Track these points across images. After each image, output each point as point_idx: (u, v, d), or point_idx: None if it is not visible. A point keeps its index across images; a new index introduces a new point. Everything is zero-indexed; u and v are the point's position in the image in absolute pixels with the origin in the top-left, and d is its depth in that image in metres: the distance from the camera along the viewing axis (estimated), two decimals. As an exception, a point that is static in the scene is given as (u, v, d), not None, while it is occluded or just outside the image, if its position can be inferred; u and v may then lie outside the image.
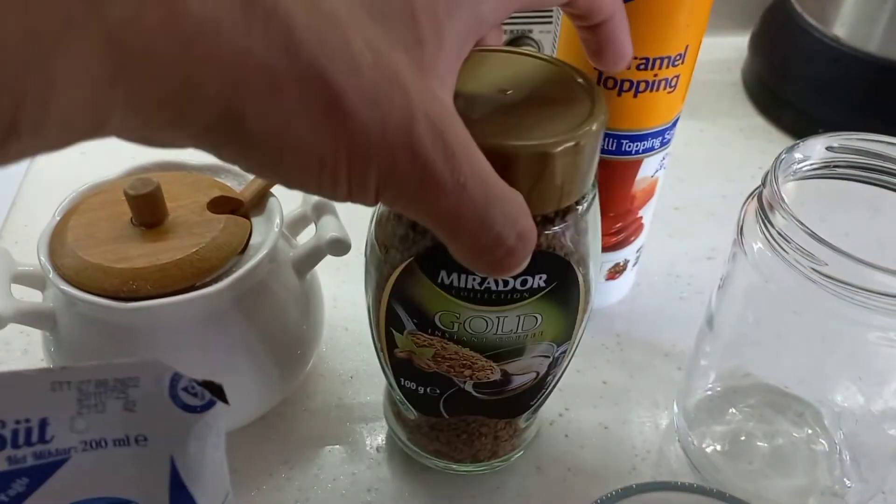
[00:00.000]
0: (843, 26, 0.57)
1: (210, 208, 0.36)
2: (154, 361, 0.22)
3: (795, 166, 0.32)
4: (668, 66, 0.35)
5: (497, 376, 0.32)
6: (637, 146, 0.38)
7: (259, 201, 0.38)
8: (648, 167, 0.39)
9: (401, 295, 0.30)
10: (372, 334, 0.34)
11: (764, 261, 0.31)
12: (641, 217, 0.42)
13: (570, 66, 0.28)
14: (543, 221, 0.27)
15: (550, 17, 0.58)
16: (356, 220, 0.39)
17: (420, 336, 0.30)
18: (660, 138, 0.38)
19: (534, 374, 0.32)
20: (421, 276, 0.28)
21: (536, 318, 0.29)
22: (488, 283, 0.28)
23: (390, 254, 0.29)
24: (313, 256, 0.38)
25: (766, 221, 0.30)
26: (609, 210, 0.41)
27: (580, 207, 0.28)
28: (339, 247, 0.37)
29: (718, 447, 0.39)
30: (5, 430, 0.22)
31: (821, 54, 0.58)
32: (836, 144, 0.33)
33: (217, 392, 0.23)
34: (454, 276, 0.28)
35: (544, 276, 0.28)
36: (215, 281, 0.34)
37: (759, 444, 0.39)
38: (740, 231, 0.32)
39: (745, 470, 0.39)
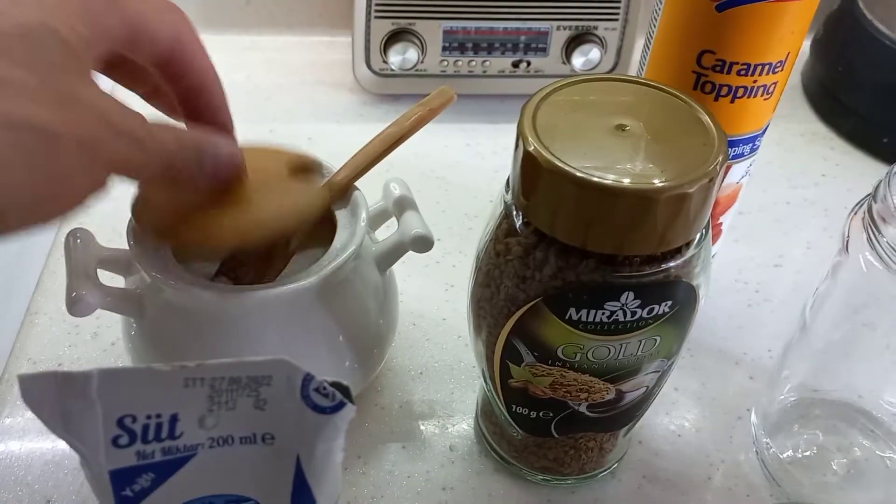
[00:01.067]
0: (913, 34, 0.57)
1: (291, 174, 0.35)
2: (287, 360, 0.22)
3: (902, 180, 0.32)
4: (768, 73, 0.35)
5: (612, 396, 0.32)
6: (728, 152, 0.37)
7: (342, 194, 0.37)
8: (735, 173, 0.39)
9: (522, 331, 0.30)
10: (482, 365, 0.34)
11: (873, 274, 0.30)
12: (721, 223, 0.42)
13: (676, 91, 0.29)
14: (672, 253, 0.27)
15: (617, 13, 0.57)
16: (434, 217, 0.39)
17: (539, 367, 0.31)
18: (750, 144, 0.38)
19: (644, 388, 0.32)
20: (548, 314, 0.29)
21: (655, 340, 0.30)
22: (617, 315, 0.28)
23: (510, 292, 0.29)
24: (396, 252, 0.37)
25: (876, 233, 0.30)
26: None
27: (702, 233, 0.28)
28: (423, 243, 0.36)
29: (795, 458, 0.39)
30: (136, 425, 0.21)
31: (889, 61, 0.58)
32: (943, 159, 0.32)
33: (346, 393, 0.22)
34: (583, 312, 0.28)
35: (669, 303, 0.28)
36: (304, 272, 0.34)
37: (834, 457, 0.39)
38: (845, 242, 0.32)
39: (821, 482, 0.38)
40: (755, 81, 0.35)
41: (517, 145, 0.28)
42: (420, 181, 0.54)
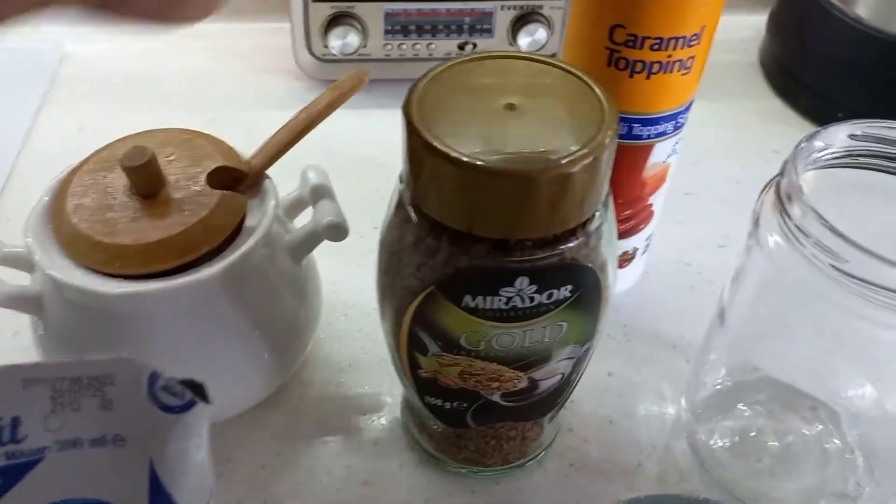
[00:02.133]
0: (866, 6, 0.55)
1: (209, 180, 0.34)
2: (131, 359, 0.21)
3: (815, 155, 0.30)
4: (683, 47, 0.33)
5: (524, 384, 0.31)
6: (649, 130, 0.36)
7: (253, 182, 0.36)
8: (660, 152, 0.38)
9: (423, 320, 0.29)
10: (392, 356, 0.33)
11: (780, 254, 0.29)
12: (652, 204, 0.40)
13: (572, 68, 0.28)
14: (566, 235, 0.26)
15: (562, -8, 0.56)
16: (355, 205, 0.38)
17: (445, 357, 0.30)
18: (673, 122, 0.37)
19: (560, 375, 0.31)
20: (444, 301, 0.28)
21: (562, 326, 0.29)
22: (514, 301, 0.27)
23: (407, 281, 0.28)
24: (309, 241, 0.36)
25: (783, 213, 0.29)
26: (618, 197, 0.39)
27: (598, 212, 0.27)
28: (337, 232, 0.35)
29: (726, 444, 0.38)
30: (-26, 429, 0.21)
31: (842, 35, 0.56)
32: (859, 132, 0.31)
33: (198, 391, 0.21)
34: (479, 298, 0.27)
35: (570, 287, 0.27)
36: (206, 264, 0.33)
37: (768, 441, 0.38)
38: (756, 222, 0.31)
39: (754, 468, 0.37)
40: (670, 56, 0.34)
41: (403, 127, 0.27)
42: (360, 167, 0.53)
